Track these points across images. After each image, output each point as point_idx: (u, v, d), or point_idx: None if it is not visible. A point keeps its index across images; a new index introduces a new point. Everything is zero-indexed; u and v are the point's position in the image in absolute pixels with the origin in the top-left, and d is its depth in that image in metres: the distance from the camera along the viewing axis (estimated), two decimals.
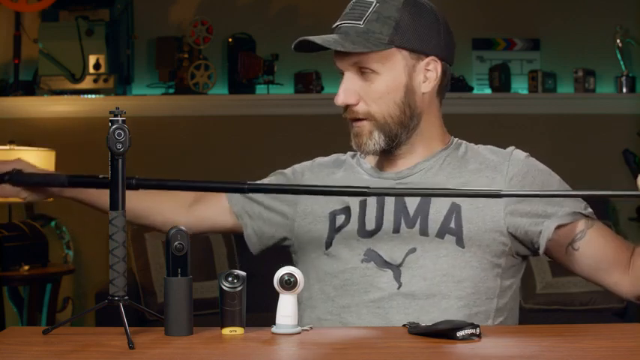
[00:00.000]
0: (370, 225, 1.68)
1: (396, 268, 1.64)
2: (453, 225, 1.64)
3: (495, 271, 1.66)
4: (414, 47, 1.65)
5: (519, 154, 1.72)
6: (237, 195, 1.82)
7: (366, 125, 1.66)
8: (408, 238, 1.65)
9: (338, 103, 1.65)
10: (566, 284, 3.77)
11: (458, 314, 1.61)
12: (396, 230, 1.66)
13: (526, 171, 1.68)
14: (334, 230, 1.70)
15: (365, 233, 1.67)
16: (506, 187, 1.66)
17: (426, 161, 1.71)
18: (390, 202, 1.69)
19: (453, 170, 1.70)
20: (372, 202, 1.70)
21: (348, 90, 1.64)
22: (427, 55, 1.67)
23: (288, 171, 1.85)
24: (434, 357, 1.31)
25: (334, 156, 1.84)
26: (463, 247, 1.64)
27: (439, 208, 1.66)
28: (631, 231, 4.19)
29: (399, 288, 1.63)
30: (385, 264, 1.65)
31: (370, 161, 1.78)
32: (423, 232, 1.65)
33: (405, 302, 1.63)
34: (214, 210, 1.83)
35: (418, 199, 1.67)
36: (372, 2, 1.63)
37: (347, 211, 1.70)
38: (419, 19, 1.65)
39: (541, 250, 1.65)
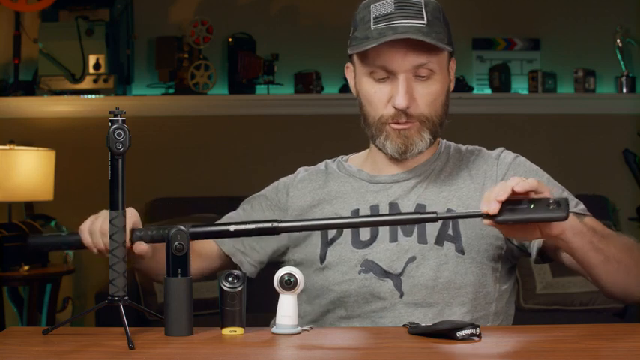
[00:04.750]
0: (365, 235, 1.66)
1: (396, 277, 1.63)
2: (450, 232, 1.64)
3: (494, 275, 1.66)
4: (453, 48, 1.67)
5: (507, 157, 1.72)
6: None
7: (415, 126, 1.63)
8: (407, 246, 1.64)
9: (402, 106, 1.60)
10: (566, 284, 3.76)
11: (459, 320, 1.60)
12: (394, 239, 1.65)
13: (513, 173, 1.68)
14: (327, 243, 1.68)
15: (360, 244, 1.66)
16: None
17: (423, 165, 1.71)
18: (384, 210, 1.68)
19: (446, 178, 1.70)
20: (365, 212, 1.69)
21: (409, 92, 1.61)
22: (451, 56, 1.69)
23: (268, 192, 1.80)
24: (434, 357, 1.31)
25: (313, 168, 1.81)
26: (463, 254, 1.63)
27: None
28: (631, 231, 4.19)
29: (401, 297, 1.62)
30: (385, 273, 1.63)
31: (355, 164, 1.77)
32: (422, 239, 1.64)
33: (408, 311, 1.62)
34: (207, 256, 1.75)
35: (414, 205, 1.67)
36: (420, 2, 1.62)
37: None
38: (447, 20, 1.66)
39: (532, 257, 1.64)
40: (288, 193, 1.77)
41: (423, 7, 1.61)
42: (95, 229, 1.55)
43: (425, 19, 1.59)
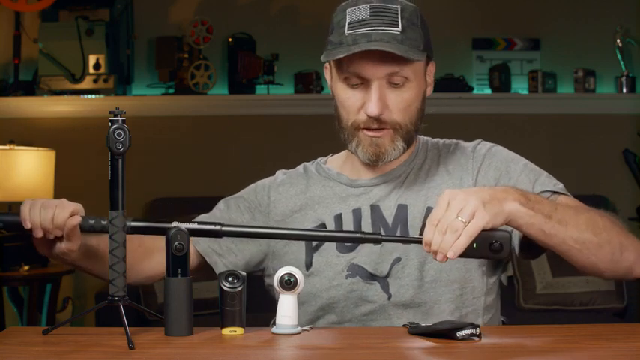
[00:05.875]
0: None
1: (383, 280, 1.63)
2: None
3: (480, 269, 1.65)
4: (429, 54, 1.65)
5: (482, 148, 1.71)
6: None
7: (388, 134, 1.62)
8: (391, 247, 1.63)
9: (374, 114, 1.59)
10: (566, 284, 3.76)
11: (450, 317, 1.60)
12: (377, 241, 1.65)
13: (488, 164, 1.68)
14: (312, 249, 1.67)
15: (344, 248, 1.65)
16: (473, 184, 1.66)
17: (402, 166, 1.70)
18: (366, 213, 1.68)
19: (425, 175, 1.70)
20: (347, 216, 1.68)
21: (381, 100, 1.59)
22: (430, 60, 1.68)
23: (245, 194, 1.78)
24: (434, 357, 1.31)
25: (292, 172, 1.80)
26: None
27: (416, 213, 1.65)
28: (631, 231, 4.18)
29: (389, 299, 1.63)
30: (371, 276, 1.63)
31: (334, 166, 1.76)
32: None
33: (397, 312, 1.62)
34: None
35: (395, 205, 1.67)
36: (397, 8, 1.59)
37: (323, 228, 1.68)
38: (425, 24, 1.64)
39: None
40: (270, 196, 1.76)
41: (399, 12, 1.59)
42: (37, 202, 1.55)
43: (400, 25, 1.57)
